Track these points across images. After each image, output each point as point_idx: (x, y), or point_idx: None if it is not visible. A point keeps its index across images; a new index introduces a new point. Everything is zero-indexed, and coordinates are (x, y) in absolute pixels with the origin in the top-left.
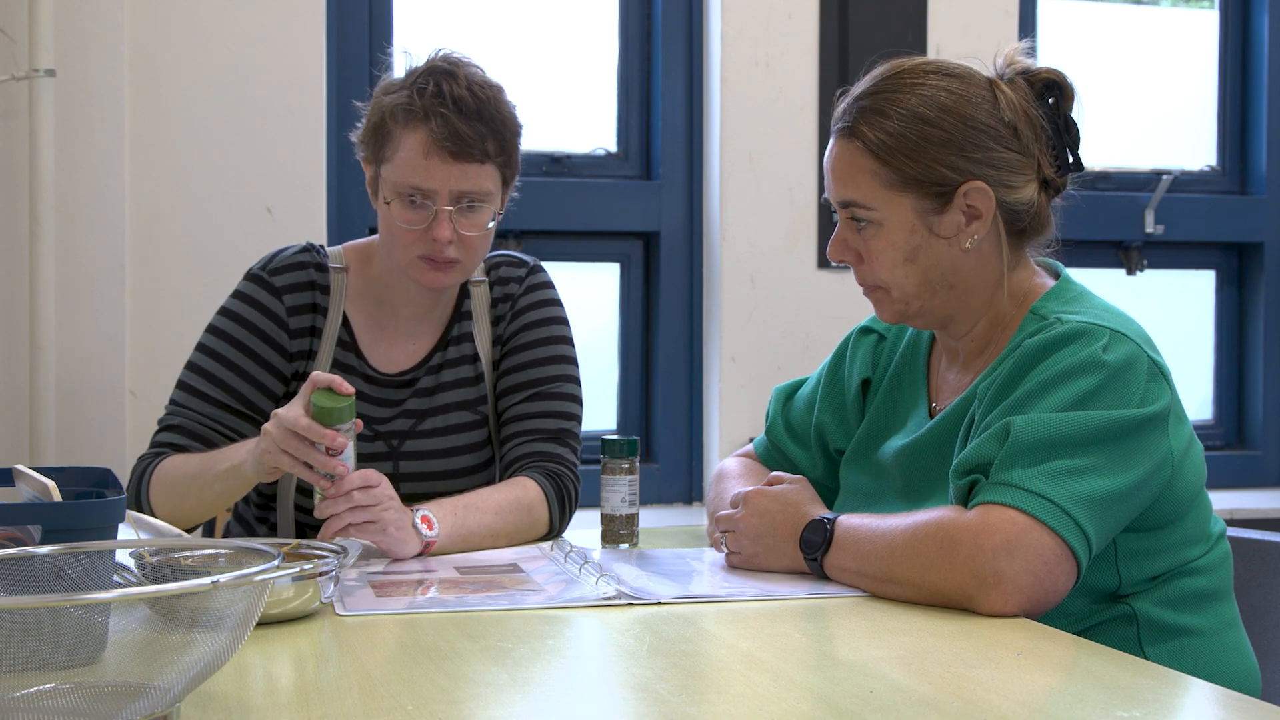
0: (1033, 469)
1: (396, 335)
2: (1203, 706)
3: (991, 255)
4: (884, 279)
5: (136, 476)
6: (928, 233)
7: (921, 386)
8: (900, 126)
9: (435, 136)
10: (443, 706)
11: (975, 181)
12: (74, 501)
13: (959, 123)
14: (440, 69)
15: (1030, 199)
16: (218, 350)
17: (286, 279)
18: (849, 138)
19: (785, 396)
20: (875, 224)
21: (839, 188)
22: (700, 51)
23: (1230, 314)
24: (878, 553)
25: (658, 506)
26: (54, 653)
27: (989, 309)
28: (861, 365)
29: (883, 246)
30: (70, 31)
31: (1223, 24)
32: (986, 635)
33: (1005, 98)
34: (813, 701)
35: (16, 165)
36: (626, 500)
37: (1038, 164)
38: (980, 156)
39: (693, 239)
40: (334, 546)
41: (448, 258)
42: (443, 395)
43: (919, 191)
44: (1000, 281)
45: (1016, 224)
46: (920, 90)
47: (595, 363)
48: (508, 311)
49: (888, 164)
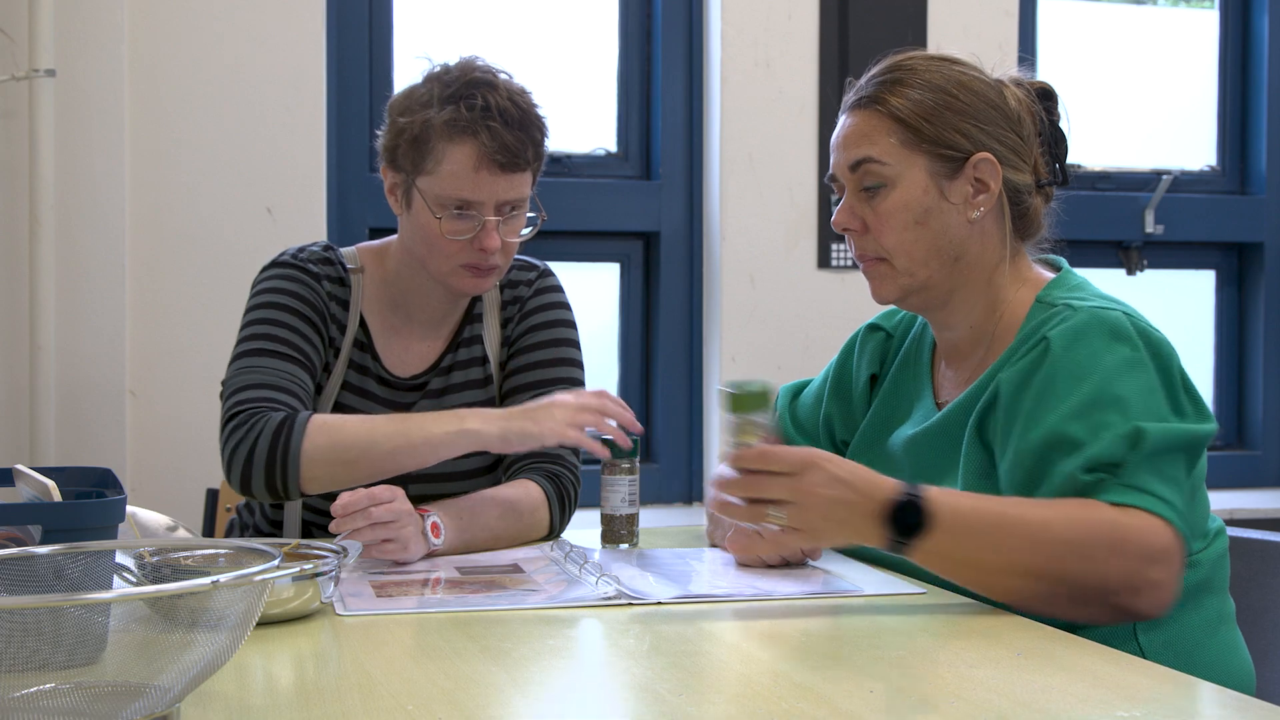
0: (1168, 483)
1: (410, 338)
2: (1203, 706)
3: (994, 234)
4: (890, 245)
5: (272, 430)
6: (939, 195)
7: (926, 380)
8: (920, 94)
9: (486, 150)
10: (443, 706)
11: (985, 154)
12: (74, 501)
13: (973, 96)
14: (480, 80)
15: (1028, 186)
16: (276, 319)
17: (321, 269)
18: (867, 105)
19: (792, 394)
20: (888, 185)
21: (851, 151)
22: (700, 51)
23: (1230, 314)
24: (1014, 541)
25: (658, 506)
26: (54, 653)
27: (985, 295)
28: (870, 361)
29: (894, 207)
30: (70, 31)
31: (1223, 24)
32: (986, 635)
33: (1010, 91)
34: (813, 701)
35: (16, 165)
36: (626, 500)
37: (1035, 162)
38: (991, 130)
39: (693, 239)
40: (334, 547)
41: (492, 264)
42: (451, 397)
43: (933, 154)
44: (999, 265)
45: (1018, 207)
46: (933, 71)
47: (595, 363)
48: (516, 313)
49: (906, 124)
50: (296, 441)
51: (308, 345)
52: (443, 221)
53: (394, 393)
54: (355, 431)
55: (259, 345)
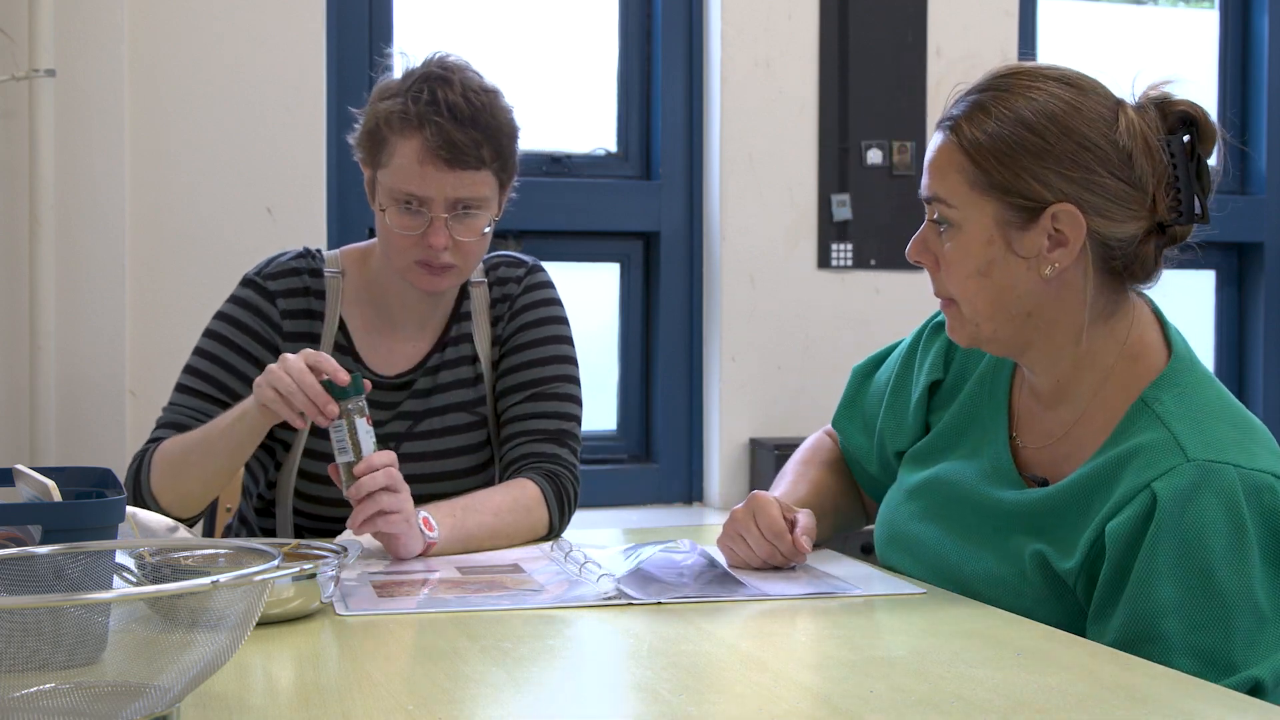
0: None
1: (395, 338)
2: (1203, 706)
3: (1076, 290)
4: (955, 291)
5: (134, 467)
6: (1005, 247)
7: (1002, 413)
8: (998, 128)
9: (430, 144)
10: (443, 706)
11: (1067, 205)
12: (74, 501)
13: (1063, 135)
14: (435, 75)
15: (1131, 236)
16: (213, 352)
17: (280, 284)
18: (948, 132)
19: (862, 376)
20: (954, 226)
21: (929, 182)
22: (700, 51)
23: (1230, 314)
24: None
25: (658, 506)
26: (54, 653)
27: (1074, 348)
28: (932, 367)
29: (958, 254)
30: (70, 31)
31: (1223, 24)
32: (986, 635)
33: (1127, 119)
34: (813, 701)
35: (16, 165)
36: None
37: (1152, 201)
38: (1079, 177)
39: (693, 239)
40: (334, 546)
41: (444, 263)
42: (440, 396)
43: (1004, 201)
44: (1086, 325)
45: (1109, 260)
46: (1032, 94)
47: (595, 363)
48: (506, 312)
49: (978, 164)
50: (145, 476)
51: (236, 381)
52: (390, 213)
53: (379, 392)
54: (178, 446)
55: (186, 382)
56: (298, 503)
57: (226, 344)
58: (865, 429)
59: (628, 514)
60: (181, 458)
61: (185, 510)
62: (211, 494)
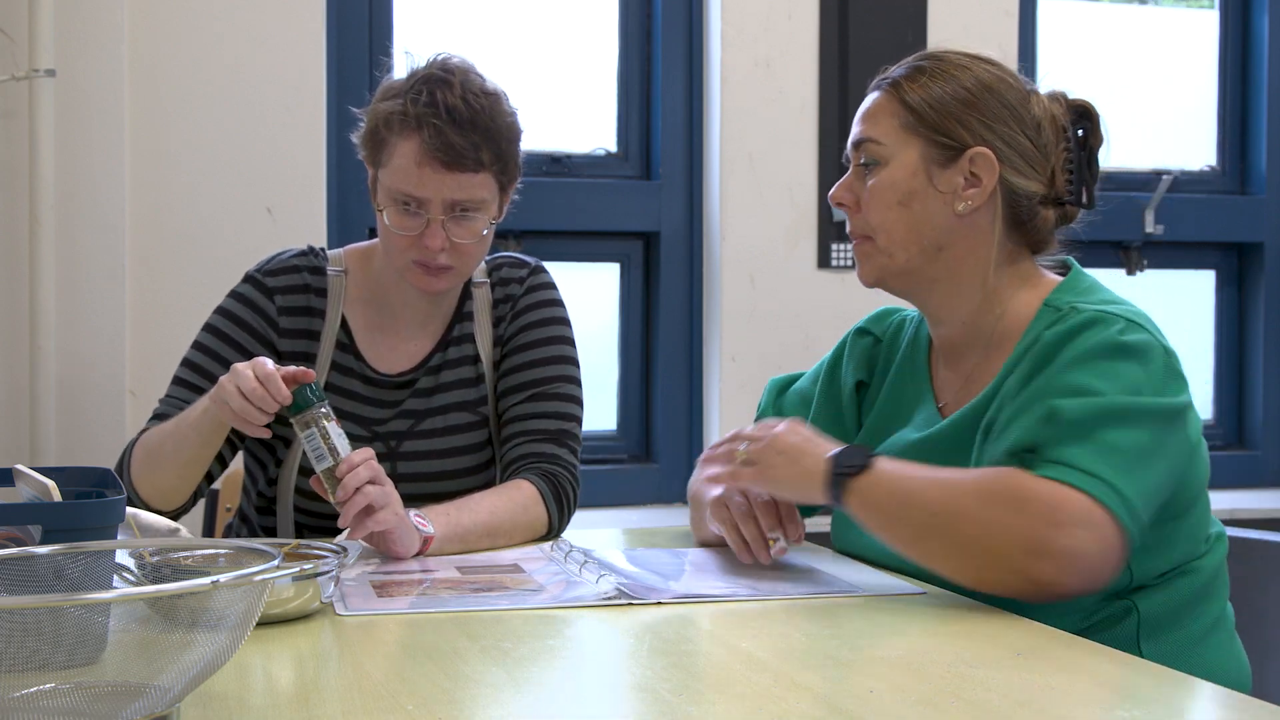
0: (1087, 450)
1: (397, 337)
2: (1203, 706)
3: (984, 233)
4: (874, 222)
5: (121, 459)
6: (926, 180)
7: (925, 383)
8: (936, 84)
9: (427, 146)
10: (443, 706)
11: (985, 149)
12: (74, 501)
13: (988, 93)
14: (436, 77)
15: (1034, 193)
16: (209, 346)
17: (280, 280)
18: (886, 87)
19: (779, 389)
20: (881, 163)
21: (860, 129)
22: (700, 51)
23: (1230, 314)
24: (931, 499)
25: (657, 506)
26: (54, 653)
27: (977, 292)
28: (857, 367)
29: (881, 185)
30: (70, 31)
31: (1223, 24)
32: (986, 635)
33: (1039, 98)
34: (813, 701)
35: (16, 165)
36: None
37: (1052, 173)
38: (998, 129)
39: (693, 239)
40: (334, 546)
41: (441, 264)
42: (442, 396)
43: (930, 140)
44: (994, 265)
45: (1015, 211)
46: (964, 64)
47: (595, 363)
48: (508, 312)
49: (910, 108)
50: (126, 467)
51: None
52: (391, 215)
53: (380, 391)
54: (155, 437)
55: (181, 374)
56: (298, 501)
57: (222, 338)
58: None
59: (628, 514)
60: (157, 448)
61: (165, 503)
62: (186, 486)
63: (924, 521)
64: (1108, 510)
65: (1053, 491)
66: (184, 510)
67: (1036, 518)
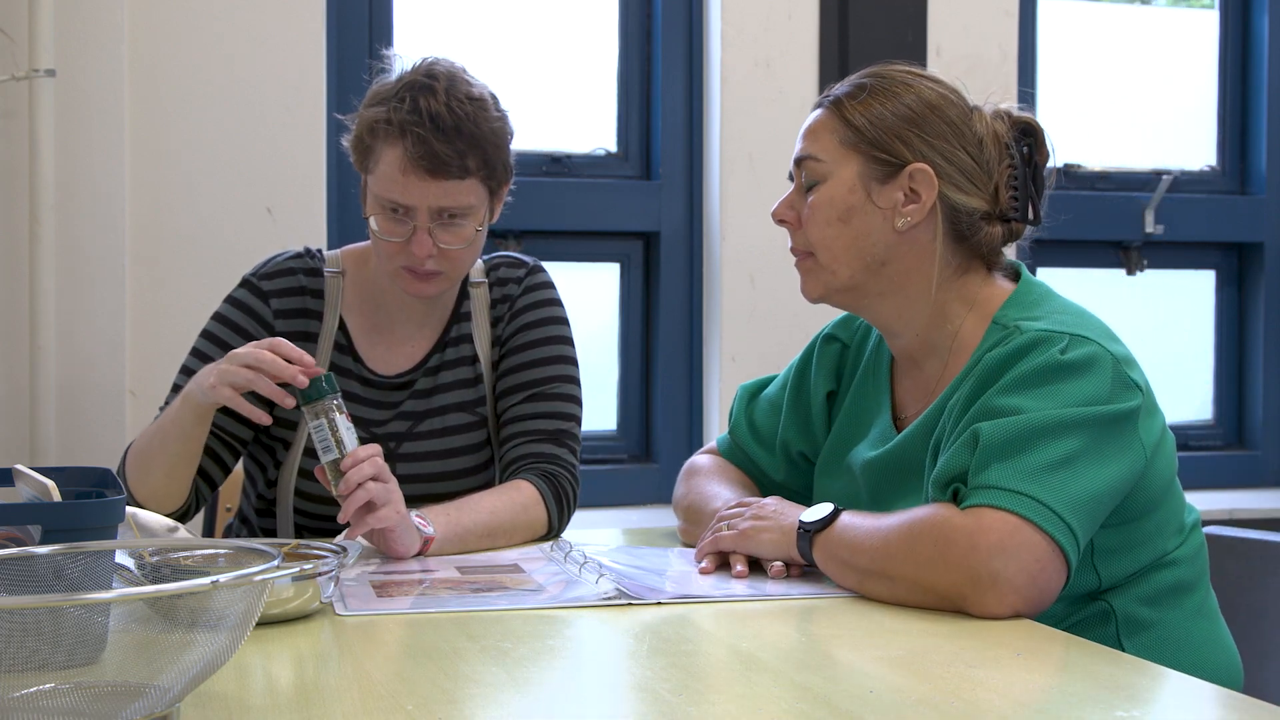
0: (1010, 468)
1: (394, 338)
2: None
3: (926, 248)
4: (814, 238)
5: (120, 463)
6: (865, 197)
7: (885, 396)
8: (877, 102)
9: (411, 154)
10: (443, 706)
11: (924, 165)
12: (74, 501)
13: (930, 111)
14: (420, 83)
15: (975, 209)
16: (205, 352)
17: (275, 284)
18: (828, 105)
19: (750, 396)
20: (820, 180)
21: (802, 146)
22: (700, 51)
23: (1230, 314)
24: (871, 546)
25: (657, 506)
26: (54, 653)
27: (926, 306)
28: (827, 375)
29: (820, 202)
30: (70, 31)
31: (1223, 24)
32: (986, 635)
33: (981, 115)
34: (813, 701)
35: (16, 165)
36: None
37: (995, 190)
38: (938, 146)
39: (693, 239)
40: (334, 546)
41: (429, 270)
42: (440, 397)
43: (869, 156)
44: (935, 281)
45: (957, 227)
46: (907, 82)
47: (595, 363)
48: (506, 312)
49: (850, 125)
50: (123, 471)
51: None
52: (379, 220)
53: (379, 392)
54: (144, 440)
55: (179, 381)
56: (298, 502)
57: (219, 344)
58: (763, 441)
59: (628, 514)
60: (144, 449)
61: (161, 505)
62: (177, 487)
63: (866, 568)
64: (1034, 525)
65: (974, 522)
66: (185, 515)
67: (961, 552)
